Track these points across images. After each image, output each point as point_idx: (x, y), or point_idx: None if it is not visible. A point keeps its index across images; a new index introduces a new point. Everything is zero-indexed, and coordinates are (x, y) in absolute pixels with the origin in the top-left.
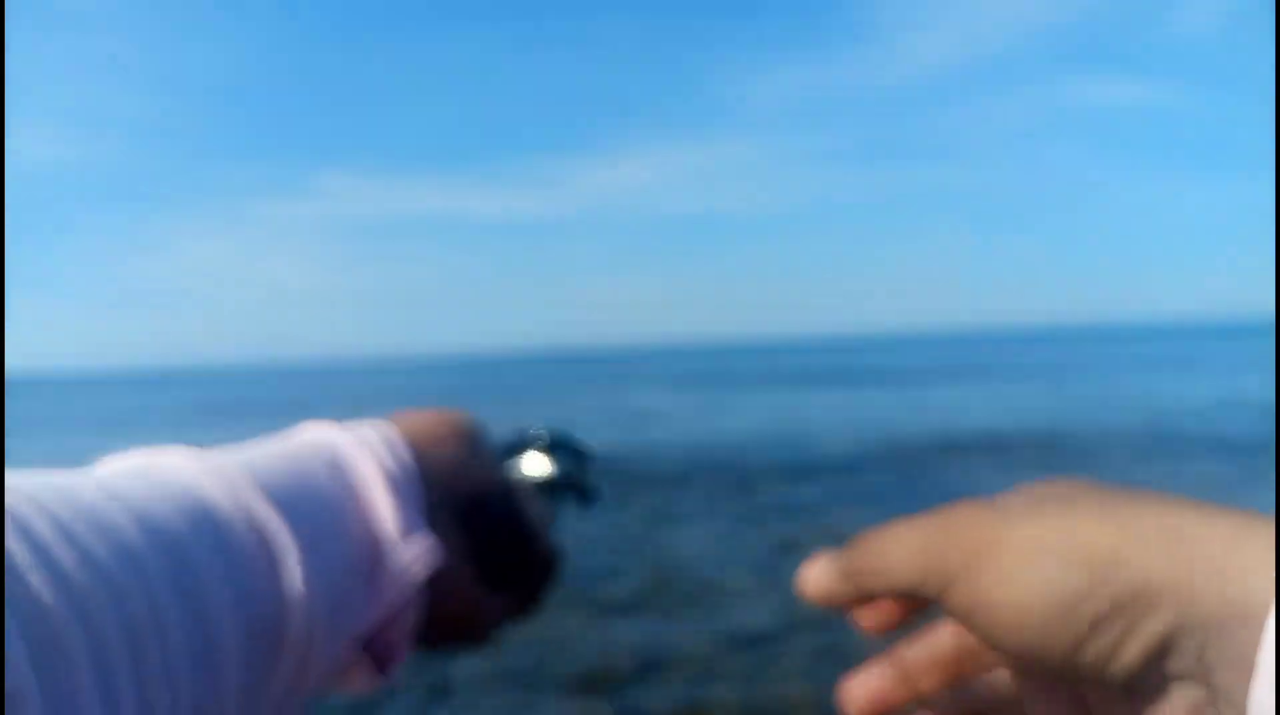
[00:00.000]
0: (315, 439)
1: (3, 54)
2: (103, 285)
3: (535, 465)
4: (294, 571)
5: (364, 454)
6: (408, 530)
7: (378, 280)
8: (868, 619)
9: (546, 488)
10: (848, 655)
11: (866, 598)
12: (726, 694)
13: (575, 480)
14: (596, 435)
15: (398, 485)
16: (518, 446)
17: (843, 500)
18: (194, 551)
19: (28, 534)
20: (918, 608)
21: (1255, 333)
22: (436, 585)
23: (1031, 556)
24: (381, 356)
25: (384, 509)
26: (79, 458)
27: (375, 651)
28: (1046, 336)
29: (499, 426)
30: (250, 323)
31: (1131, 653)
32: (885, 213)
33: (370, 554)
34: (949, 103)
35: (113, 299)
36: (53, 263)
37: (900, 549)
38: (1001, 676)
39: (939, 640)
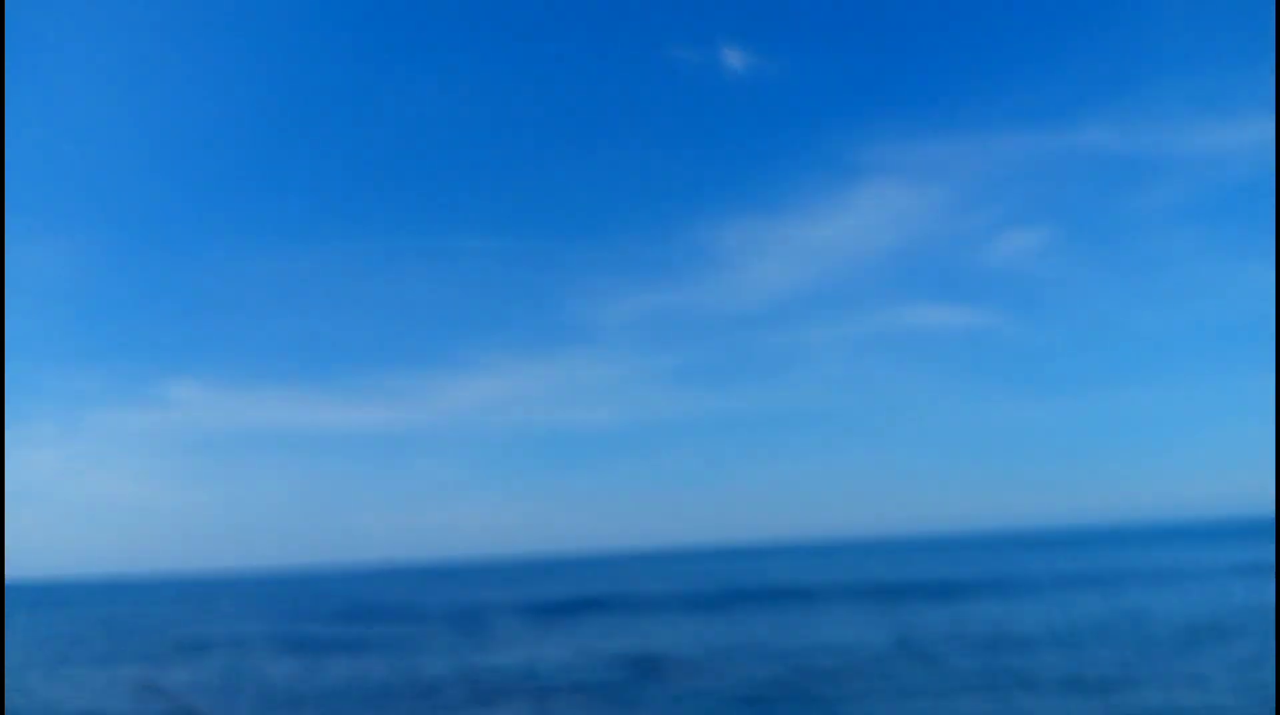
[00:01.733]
0: None
1: (3, 55)
2: None
3: None
4: None
5: None
6: None
7: (223, 494)
8: None
9: None
10: None
11: None
12: None
13: None
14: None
15: None
16: None
17: None
18: None
19: None
20: None
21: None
22: None
23: None
24: (224, 571)
25: None
26: None
27: None
28: (885, 545)
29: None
30: (81, 536)
31: None
32: (736, 428)
33: None
34: (791, 324)
35: None
36: None
37: None
38: None
39: None
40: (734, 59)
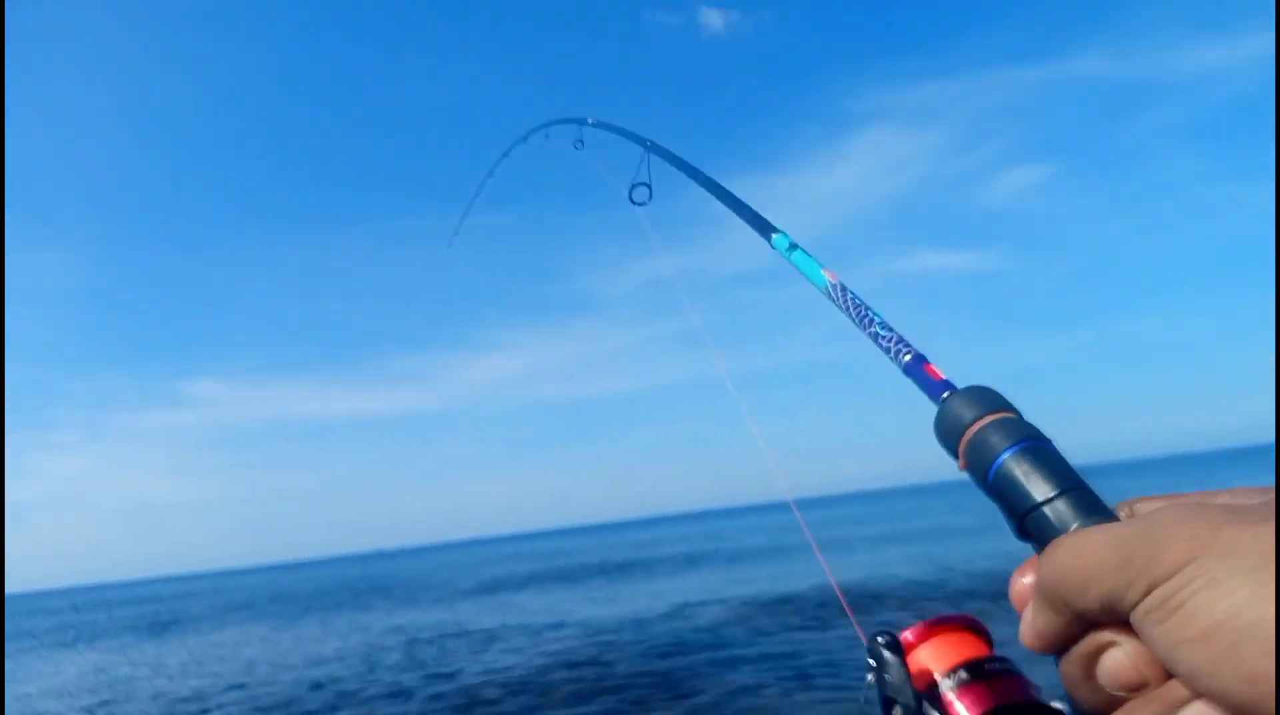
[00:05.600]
0: None
1: (3, 55)
2: None
3: None
4: None
5: None
6: None
7: (252, 489)
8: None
9: None
10: None
11: (1078, 626)
12: None
13: None
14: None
15: None
16: None
17: None
18: None
19: None
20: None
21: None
22: None
23: (1261, 566)
24: (258, 565)
25: None
26: None
27: None
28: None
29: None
30: (119, 539)
31: None
32: (750, 387)
33: None
34: (791, 281)
35: None
36: None
37: (1095, 555)
38: None
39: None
40: (713, 19)
